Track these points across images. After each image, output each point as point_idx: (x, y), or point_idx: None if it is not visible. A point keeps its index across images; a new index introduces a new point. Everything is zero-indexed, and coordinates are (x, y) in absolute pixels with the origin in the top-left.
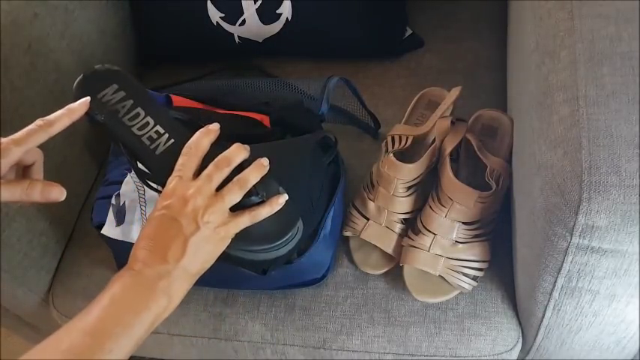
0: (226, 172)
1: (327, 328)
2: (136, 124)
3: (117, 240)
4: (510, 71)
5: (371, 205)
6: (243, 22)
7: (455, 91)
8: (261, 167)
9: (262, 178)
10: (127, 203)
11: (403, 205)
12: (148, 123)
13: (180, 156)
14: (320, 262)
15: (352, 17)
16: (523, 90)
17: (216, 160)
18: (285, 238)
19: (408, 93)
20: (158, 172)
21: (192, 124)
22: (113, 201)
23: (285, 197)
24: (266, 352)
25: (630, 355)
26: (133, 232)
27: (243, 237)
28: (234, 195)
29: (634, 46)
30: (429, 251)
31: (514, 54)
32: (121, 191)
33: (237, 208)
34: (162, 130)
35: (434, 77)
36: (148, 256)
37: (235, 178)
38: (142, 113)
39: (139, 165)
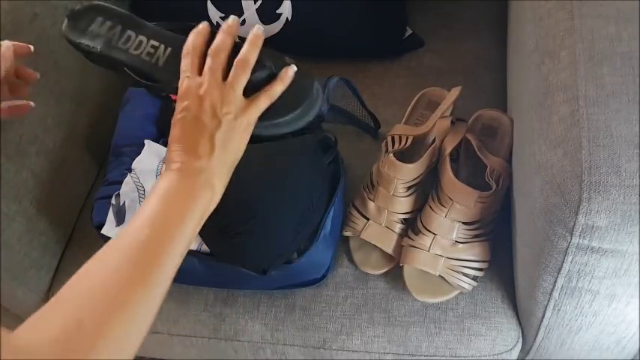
0: (223, 57)
1: (327, 328)
2: (130, 45)
3: None
4: (510, 71)
5: (371, 205)
6: (243, 22)
7: (455, 91)
8: (255, 40)
9: (262, 49)
10: (127, 203)
11: (403, 205)
12: (141, 41)
13: (182, 59)
14: (320, 262)
15: (352, 17)
16: (523, 90)
17: (210, 51)
18: (307, 101)
19: (408, 93)
20: (167, 81)
21: (182, 30)
22: (113, 201)
23: (293, 68)
24: (266, 352)
25: (630, 355)
26: None
27: (267, 114)
28: (241, 78)
29: (634, 46)
30: (429, 251)
31: (514, 54)
32: (120, 191)
33: (252, 89)
34: (156, 43)
35: (434, 77)
36: (182, 156)
37: (235, 61)
38: (133, 34)
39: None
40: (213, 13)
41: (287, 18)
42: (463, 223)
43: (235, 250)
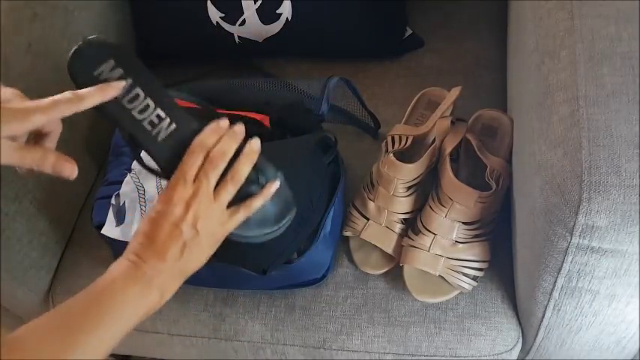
0: (222, 167)
1: (327, 328)
2: (135, 106)
3: (117, 240)
4: (510, 71)
5: (371, 205)
6: (243, 22)
7: (455, 91)
8: (251, 155)
9: (257, 162)
10: (126, 203)
11: (403, 205)
12: (148, 106)
13: (187, 154)
14: (320, 262)
15: (352, 17)
16: (523, 90)
17: (210, 156)
18: (282, 223)
19: (408, 93)
20: (160, 160)
21: (192, 111)
22: (113, 201)
23: (277, 184)
24: (266, 352)
25: (630, 355)
26: (132, 232)
27: (240, 225)
28: (229, 194)
29: (634, 46)
30: (429, 251)
31: (514, 54)
32: (120, 191)
33: (235, 199)
34: (163, 114)
35: (434, 77)
36: (147, 254)
37: (229, 175)
38: (142, 94)
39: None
40: (213, 13)
41: (287, 18)
42: (463, 223)
43: (235, 250)
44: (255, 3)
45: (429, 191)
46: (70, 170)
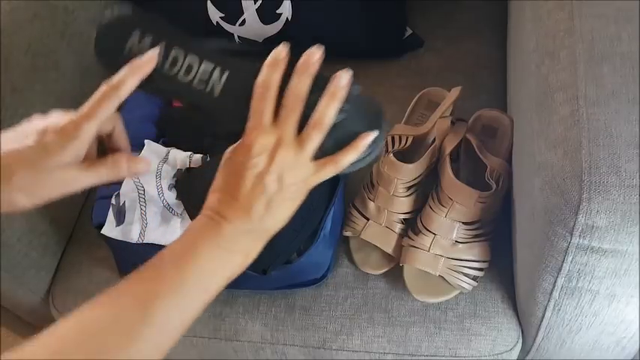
0: (300, 109)
1: (327, 328)
2: (179, 69)
3: (117, 240)
4: (510, 71)
5: (371, 205)
6: (243, 22)
7: (455, 91)
8: (337, 93)
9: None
10: (126, 203)
11: (403, 205)
12: (191, 64)
13: (254, 100)
14: (320, 262)
15: (352, 17)
16: (523, 90)
17: (285, 100)
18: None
19: (408, 93)
20: (225, 115)
21: (235, 51)
22: (113, 201)
23: (373, 134)
24: (266, 352)
25: (630, 355)
26: (132, 232)
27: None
28: (315, 142)
29: (634, 46)
30: (429, 251)
31: (514, 54)
32: (120, 191)
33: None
34: (210, 67)
35: (434, 77)
36: (229, 211)
37: (312, 120)
38: (181, 54)
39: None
40: (213, 13)
41: (287, 18)
42: (463, 223)
43: None
44: (255, 3)
45: (429, 191)
46: (145, 166)
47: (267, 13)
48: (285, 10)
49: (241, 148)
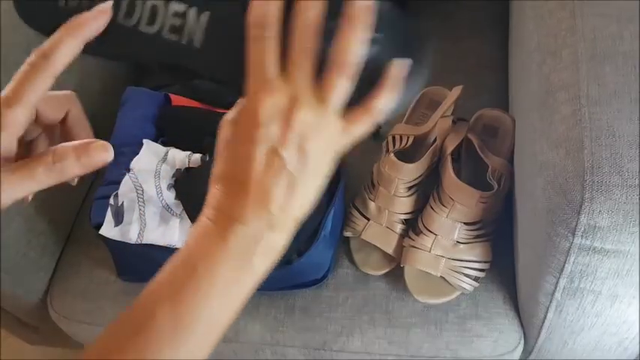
0: (313, 47)
1: (327, 329)
2: (140, 16)
3: (115, 240)
4: (512, 70)
5: (372, 205)
6: None
7: (456, 91)
8: (361, 19)
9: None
10: (125, 203)
11: (404, 205)
12: (155, 6)
13: (249, 47)
14: (320, 262)
15: None
16: (525, 89)
17: (293, 38)
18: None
19: None
20: (214, 72)
21: None
22: (111, 201)
23: (403, 64)
24: (266, 354)
25: (632, 355)
26: (131, 232)
27: None
28: (341, 91)
29: (636, 45)
30: (430, 252)
31: (516, 53)
32: (119, 191)
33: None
34: (182, 7)
35: (435, 77)
36: (237, 208)
37: (335, 60)
38: None
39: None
40: None
41: None
42: (464, 223)
43: None
44: None
45: (430, 191)
46: (102, 153)
47: None
48: None
49: (244, 115)
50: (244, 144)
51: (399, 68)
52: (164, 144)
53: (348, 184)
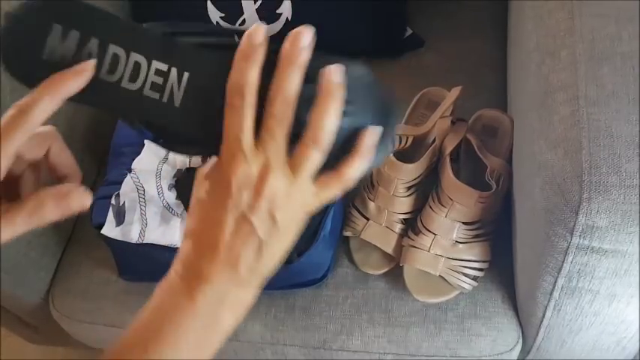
0: (289, 117)
1: (327, 328)
2: (122, 73)
3: (117, 240)
4: (511, 71)
5: (371, 205)
6: (243, 22)
7: (455, 91)
8: (334, 93)
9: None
10: (126, 203)
11: (403, 205)
12: (138, 64)
13: (226, 113)
14: (320, 262)
15: (352, 17)
16: (523, 90)
17: (269, 107)
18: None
19: (408, 93)
20: (194, 135)
21: (193, 34)
22: (113, 201)
23: (376, 130)
24: (266, 353)
25: (631, 355)
26: (132, 232)
27: None
28: (313, 162)
29: (634, 45)
30: (429, 251)
31: (514, 53)
32: (120, 191)
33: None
34: (164, 66)
35: (434, 77)
36: (208, 268)
37: (308, 135)
38: (122, 52)
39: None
40: (213, 13)
41: (287, 18)
42: (463, 223)
43: None
44: (255, 3)
45: (430, 191)
46: (80, 200)
47: (267, 13)
48: (285, 10)
49: (217, 179)
50: (216, 209)
51: (371, 136)
52: (164, 145)
53: None
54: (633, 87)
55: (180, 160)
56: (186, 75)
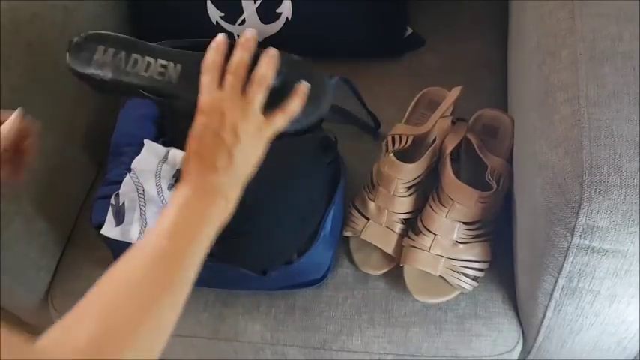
0: (242, 73)
1: (327, 328)
2: (139, 68)
3: (116, 240)
4: (511, 71)
5: (371, 205)
6: (243, 21)
7: (455, 91)
8: (270, 58)
9: (280, 68)
10: (126, 203)
11: (404, 205)
12: (149, 62)
13: (202, 75)
14: (320, 262)
15: (353, 16)
16: (524, 90)
17: (229, 67)
18: (323, 98)
19: (408, 93)
20: (185, 96)
21: (190, 46)
22: (112, 201)
23: (306, 84)
24: (266, 353)
25: (631, 355)
26: (132, 232)
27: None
28: (259, 94)
29: (635, 45)
30: (429, 251)
31: (515, 53)
32: (120, 191)
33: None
34: (165, 62)
35: (434, 77)
36: (200, 170)
37: (253, 77)
38: (139, 57)
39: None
40: (213, 12)
41: (287, 17)
42: (464, 223)
43: (235, 250)
44: (254, 2)
45: (430, 191)
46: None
47: (267, 13)
48: (285, 9)
49: (199, 114)
50: (200, 131)
51: (303, 88)
52: (165, 144)
53: (348, 184)
54: (634, 87)
55: (180, 160)
56: (179, 65)
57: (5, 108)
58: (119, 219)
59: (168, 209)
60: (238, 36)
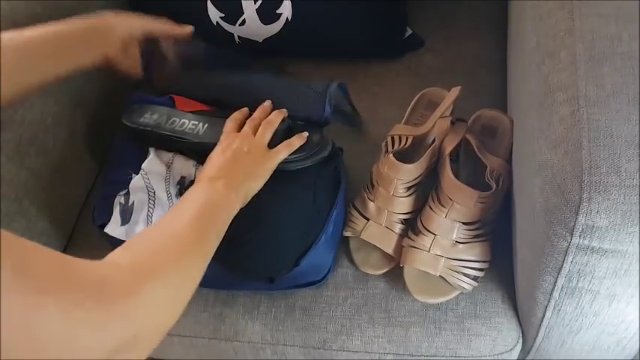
0: (257, 123)
1: (327, 328)
2: (176, 125)
3: (119, 240)
4: (510, 71)
5: (371, 205)
6: (243, 22)
7: (455, 91)
8: (280, 114)
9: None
10: (135, 203)
11: (403, 205)
12: (184, 122)
13: (227, 122)
14: (321, 264)
15: (352, 17)
16: (523, 90)
17: (248, 120)
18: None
19: (408, 93)
20: (206, 142)
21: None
22: (122, 200)
23: (306, 133)
24: (266, 353)
25: (630, 355)
26: (136, 231)
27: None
28: (266, 133)
29: (634, 45)
30: (429, 251)
31: (514, 54)
32: (130, 190)
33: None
34: (196, 122)
35: (434, 77)
36: (224, 175)
37: (263, 122)
38: (177, 119)
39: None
40: (214, 13)
41: (287, 18)
42: (463, 223)
43: (242, 259)
44: (255, 3)
45: (429, 191)
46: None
47: (267, 13)
48: (285, 10)
49: (223, 137)
50: (224, 150)
51: (303, 134)
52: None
53: (348, 185)
54: (633, 87)
55: (185, 168)
56: (206, 125)
57: (5, 108)
58: (125, 218)
59: (195, 192)
60: (239, 36)
